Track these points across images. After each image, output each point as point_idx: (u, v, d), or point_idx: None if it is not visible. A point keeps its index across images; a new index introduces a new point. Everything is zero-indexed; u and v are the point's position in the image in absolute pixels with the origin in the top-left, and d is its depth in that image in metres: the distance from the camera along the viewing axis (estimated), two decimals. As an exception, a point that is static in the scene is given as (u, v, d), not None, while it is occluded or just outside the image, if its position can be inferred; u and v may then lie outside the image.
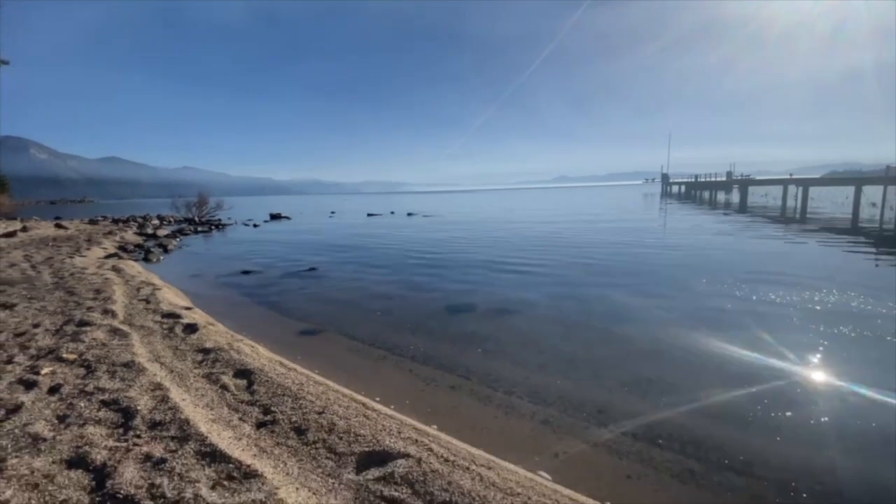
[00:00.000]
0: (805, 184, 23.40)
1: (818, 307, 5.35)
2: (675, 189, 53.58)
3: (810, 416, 2.99)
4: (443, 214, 23.91)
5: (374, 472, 2.26)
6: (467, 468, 2.30)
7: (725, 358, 3.94)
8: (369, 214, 26.34)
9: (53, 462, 2.20)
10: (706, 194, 42.48)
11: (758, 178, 40.71)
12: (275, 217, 23.75)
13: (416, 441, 2.55)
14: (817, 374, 3.61)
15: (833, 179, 26.61)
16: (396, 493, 2.10)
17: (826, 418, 2.96)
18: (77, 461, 2.22)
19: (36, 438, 2.40)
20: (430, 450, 2.46)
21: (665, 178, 53.87)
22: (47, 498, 1.95)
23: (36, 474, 2.10)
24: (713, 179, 41.95)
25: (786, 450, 2.65)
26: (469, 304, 5.91)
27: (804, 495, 2.29)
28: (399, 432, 2.64)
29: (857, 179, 20.57)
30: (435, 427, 2.93)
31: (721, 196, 38.99)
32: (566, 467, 2.55)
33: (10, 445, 2.32)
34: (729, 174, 40.90)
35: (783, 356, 3.94)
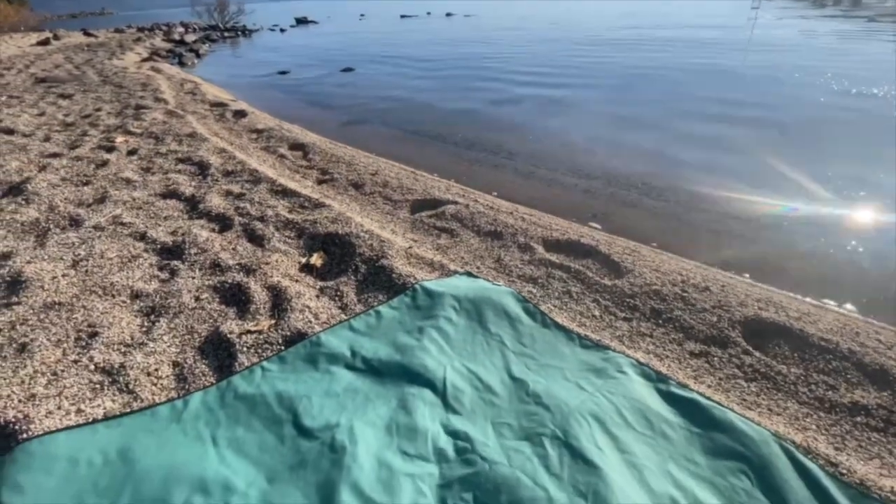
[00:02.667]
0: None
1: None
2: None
3: None
4: (485, 15, 21.13)
5: (426, 213, 2.49)
6: (511, 213, 2.48)
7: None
8: (402, 16, 23.72)
9: (149, 195, 2.53)
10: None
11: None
12: (301, 21, 21.84)
13: (464, 195, 2.72)
14: None
15: None
16: (446, 224, 2.33)
17: None
18: (169, 195, 2.54)
19: (128, 181, 2.72)
20: (476, 201, 2.63)
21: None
22: (152, 215, 2.30)
23: (137, 201, 2.44)
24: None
25: None
26: (514, 100, 5.61)
27: None
28: (447, 189, 2.81)
29: None
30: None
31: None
32: (606, 223, 2.69)
33: (107, 185, 2.65)
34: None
35: None
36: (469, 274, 1.82)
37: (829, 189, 2.97)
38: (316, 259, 1.91)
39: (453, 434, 1.13)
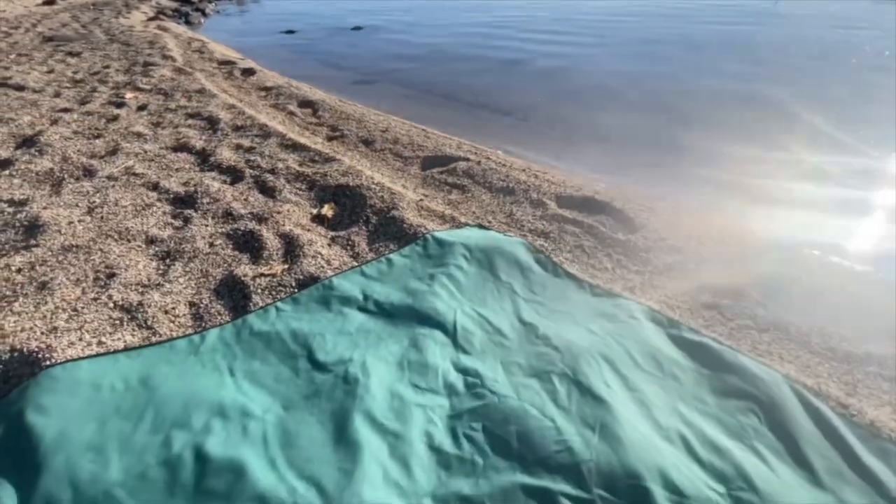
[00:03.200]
0: None
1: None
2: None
3: None
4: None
5: (437, 169, 2.45)
6: (523, 170, 2.44)
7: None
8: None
9: (160, 148, 2.52)
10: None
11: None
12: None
13: (476, 152, 2.67)
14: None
15: None
16: (458, 181, 2.30)
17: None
18: (180, 148, 2.53)
19: (139, 135, 2.71)
20: (489, 158, 2.59)
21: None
22: (164, 167, 2.30)
23: (149, 154, 2.44)
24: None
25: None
26: (531, 59, 5.43)
27: None
28: (459, 147, 2.76)
29: None
30: (492, 149, 3.03)
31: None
32: (623, 182, 2.63)
33: (119, 139, 2.65)
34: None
35: None
36: (480, 226, 1.80)
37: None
38: (327, 210, 1.91)
39: (463, 371, 1.15)
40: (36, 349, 1.13)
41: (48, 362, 1.09)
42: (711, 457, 0.92)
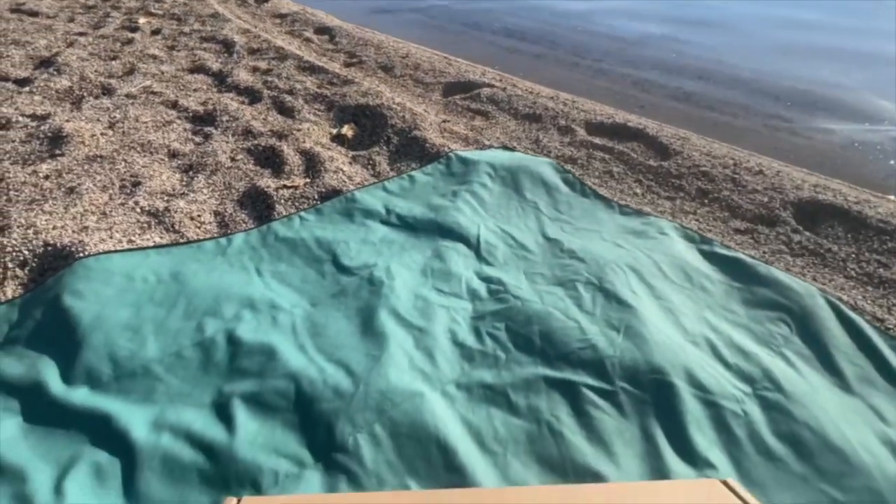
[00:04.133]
0: None
1: None
2: None
3: None
4: None
5: (459, 96, 2.35)
6: (551, 98, 2.32)
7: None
8: None
9: (177, 70, 2.46)
10: None
11: None
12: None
13: (500, 79, 2.55)
14: None
15: None
16: (482, 107, 2.21)
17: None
18: (196, 69, 2.47)
19: (155, 57, 2.64)
20: (515, 85, 2.46)
21: None
22: (182, 87, 2.25)
23: (166, 75, 2.38)
24: None
25: None
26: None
27: None
28: (483, 74, 2.63)
29: None
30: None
31: None
32: (654, 116, 2.50)
33: (135, 60, 2.58)
34: None
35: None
36: (505, 147, 1.74)
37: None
38: (347, 130, 1.86)
39: (486, 279, 1.15)
40: (69, 244, 1.16)
41: (81, 255, 1.12)
42: (738, 360, 0.91)
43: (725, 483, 0.59)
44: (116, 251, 1.13)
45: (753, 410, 0.82)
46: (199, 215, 1.37)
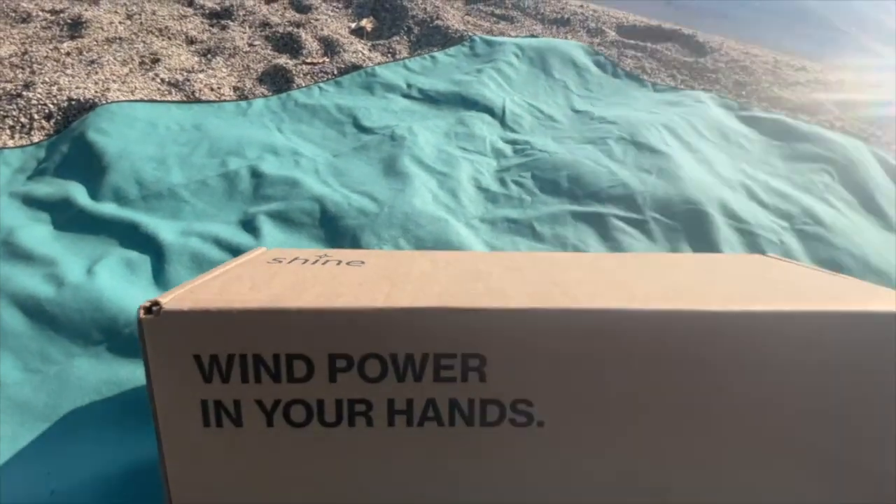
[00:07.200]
0: None
1: None
2: None
3: None
4: None
5: (482, 3, 2.24)
6: (581, 4, 2.20)
7: None
8: None
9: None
10: None
11: None
12: None
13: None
14: None
15: None
16: (506, 12, 2.10)
17: None
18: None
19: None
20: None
21: None
22: None
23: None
24: None
25: None
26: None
27: None
28: (508, -15, 2.50)
29: None
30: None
31: None
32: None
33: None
34: None
35: None
36: (532, 35, 1.66)
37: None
38: (366, 23, 1.79)
39: (512, 142, 1.11)
40: (92, 97, 1.16)
41: (105, 102, 1.12)
42: (776, 201, 0.87)
43: (767, 256, 0.56)
44: (139, 101, 1.12)
45: (791, 241, 0.79)
46: (218, 87, 1.35)
